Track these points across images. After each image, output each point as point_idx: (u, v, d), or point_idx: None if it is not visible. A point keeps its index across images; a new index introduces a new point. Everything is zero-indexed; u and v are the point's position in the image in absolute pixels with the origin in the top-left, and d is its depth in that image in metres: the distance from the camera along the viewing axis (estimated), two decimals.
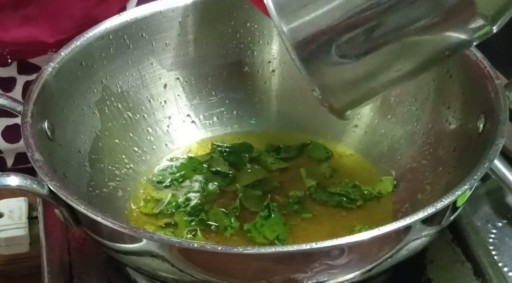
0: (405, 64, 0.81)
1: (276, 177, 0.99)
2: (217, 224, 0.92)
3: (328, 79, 0.80)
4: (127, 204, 0.96)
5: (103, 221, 0.78)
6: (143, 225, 0.93)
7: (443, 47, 0.81)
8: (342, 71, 0.79)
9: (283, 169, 1.00)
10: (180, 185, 0.98)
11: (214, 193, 0.97)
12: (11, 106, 0.89)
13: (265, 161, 1.01)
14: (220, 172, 0.99)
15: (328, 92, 0.81)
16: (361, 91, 0.83)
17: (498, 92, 0.87)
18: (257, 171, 0.99)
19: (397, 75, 0.82)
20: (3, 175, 0.81)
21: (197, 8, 1.02)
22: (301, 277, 0.77)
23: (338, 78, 0.80)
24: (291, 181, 0.98)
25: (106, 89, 0.99)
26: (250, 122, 1.06)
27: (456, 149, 0.93)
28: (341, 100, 0.83)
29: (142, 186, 0.98)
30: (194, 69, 1.04)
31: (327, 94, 0.81)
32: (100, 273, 0.91)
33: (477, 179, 0.80)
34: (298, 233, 0.92)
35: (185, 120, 1.04)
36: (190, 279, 0.79)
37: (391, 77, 0.82)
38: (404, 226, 0.77)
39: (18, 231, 0.98)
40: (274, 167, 1.00)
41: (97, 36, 0.97)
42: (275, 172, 1.00)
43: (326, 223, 0.93)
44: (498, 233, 0.96)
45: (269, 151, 1.02)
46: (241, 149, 1.02)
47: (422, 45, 0.80)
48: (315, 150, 1.02)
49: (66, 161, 0.91)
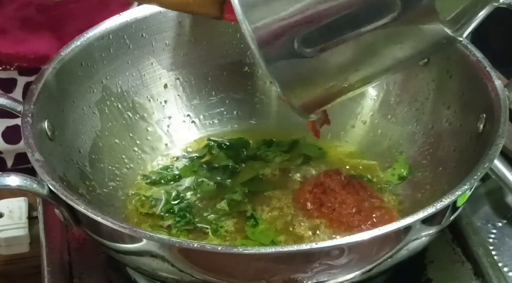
0: (363, 64, 0.81)
1: (273, 174, 0.99)
2: (208, 227, 0.92)
3: (287, 75, 0.80)
4: (126, 204, 0.96)
5: (103, 221, 0.78)
6: (140, 224, 0.93)
7: (402, 51, 0.81)
8: (300, 67, 0.79)
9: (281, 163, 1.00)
10: (179, 185, 0.98)
11: (211, 191, 0.97)
12: (11, 106, 0.89)
13: (265, 155, 1.01)
14: (220, 167, 0.99)
15: (287, 88, 0.81)
16: (320, 89, 0.83)
17: (498, 92, 0.87)
18: (257, 166, 0.99)
19: (356, 75, 0.82)
20: (3, 175, 0.81)
21: None
22: (301, 277, 0.77)
23: (296, 74, 0.80)
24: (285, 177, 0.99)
25: (106, 89, 0.99)
26: (250, 122, 1.06)
27: (456, 149, 0.93)
28: (300, 97, 0.83)
29: (142, 186, 0.98)
30: (194, 69, 1.04)
31: (286, 89, 0.81)
32: (100, 273, 0.91)
33: (477, 179, 0.80)
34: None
35: (185, 120, 1.04)
36: (190, 279, 0.79)
37: (351, 77, 0.82)
38: (404, 226, 0.77)
39: (18, 231, 0.97)
40: (273, 160, 1.00)
41: (97, 36, 0.97)
42: (274, 167, 1.00)
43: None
44: (498, 233, 0.96)
45: (261, 145, 1.02)
46: (237, 145, 1.02)
47: (379, 46, 0.79)
48: (307, 148, 1.02)
49: (66, 161, 0.91)
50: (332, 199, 0.93)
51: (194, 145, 1.04)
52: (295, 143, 1.03)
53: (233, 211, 0.94)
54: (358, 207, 0.92)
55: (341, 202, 0.92)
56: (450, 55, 0.95)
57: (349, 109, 1.03)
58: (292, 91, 0.81)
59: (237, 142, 1.03)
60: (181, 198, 0.96)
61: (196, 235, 0.92)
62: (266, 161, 1.01)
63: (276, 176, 0.99)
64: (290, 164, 1.00)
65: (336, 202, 0.92)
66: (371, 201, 0.93)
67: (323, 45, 0.77)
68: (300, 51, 0.77)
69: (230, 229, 0.92)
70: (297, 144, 1.03)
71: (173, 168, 1.00)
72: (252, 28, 0.77)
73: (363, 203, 0.92)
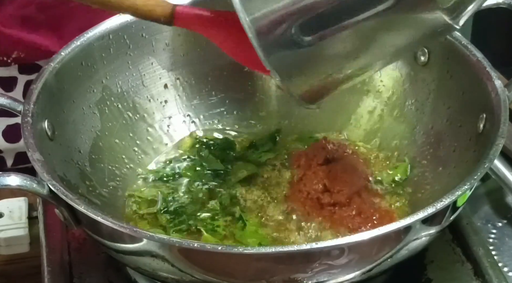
0: (361, 52, 0.81)
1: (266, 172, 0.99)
2: (202, 228, 0.92)
3: (285, 64, 0.79)
4: (126, 204, 0.96)
5: (103, 221, 0.78)
6: (138, 224, 0.93)
7: (400, 38, 0.81)
8: (299, 56, 0.79)
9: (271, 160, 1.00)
10: (179, 184, 0.98)
11: (204, 192, 0.97)
12: (11, 105, 0.89)
13: (251, 156, 1.01)
14: (213, 171, 0.99)
15: (286, 77, 0.80)
16: (320, 78, 0.82)
17: (498, 92, 0.87)
18: (248, 166, 0.99)
19: (355, 63, 0.82)
20: (3, 175, 0.81)
21: None
22: (301, 277, 0.77)
23: (295, 63, 0.80)
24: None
25: (106, 89, 0.99)
26: (250, 122, 1.06)
27: (456, 149, 0.93)
28: (300, 87, 0.82)
29: (142, 186, 0.98)
30: (194, 69, 1.04)
31: (285, 79, 0.81)
32: (100, 273, 0.91)
33: (477, 179, 0.80)
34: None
35: (185, 120, 1.04)
36: (190, 279, 0.79)
37: (350, 65, 0.82)
38: (404, 226, 0.77)
39: (18, 231, 0.97)
40: (262, 160, 1.00)
41: (97, 36, 0.97)
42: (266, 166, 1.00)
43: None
44: (498, 233, 0.96)
45: (247, 149, 1.02)
46: (223, 146, 1.02)
47: (377, 33, 0.79)
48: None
49: (66, 161, 0.91)
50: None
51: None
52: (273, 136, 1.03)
53: (225, 212, 0.94)
54: (358, 209, 0.91)
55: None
56: (450, 55, 0.95)
57: (349, 109, 1.03)
58: (291, 80, 0.81)
59: (223, 143, 1.03)
60: (178, 197, 0.96)
61: (192, 236, 0.92)
62: (254, 162, 1.00)
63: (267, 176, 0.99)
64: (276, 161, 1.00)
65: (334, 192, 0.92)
66: (370, 201, 0.93)
67: (321, 33, 0.77)
68: (298, 39, 0.77)
69: (223, 228, 0.92)
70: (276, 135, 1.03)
71: (174, 168, 1.00)
72: (250, 19, 0.76)
73: (363, 205, 0.92)
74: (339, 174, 0.94)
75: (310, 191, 0.93)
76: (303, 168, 0.96)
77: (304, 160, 0.96)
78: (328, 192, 0.93)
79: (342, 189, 0.92)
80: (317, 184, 0.93)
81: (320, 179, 0.94)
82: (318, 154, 0.96)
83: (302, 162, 0.96)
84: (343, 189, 0.92)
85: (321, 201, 0.92)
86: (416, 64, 0.98)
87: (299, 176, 0.96)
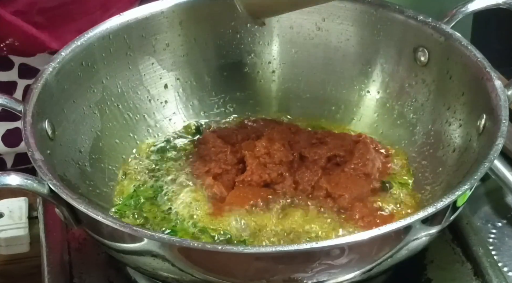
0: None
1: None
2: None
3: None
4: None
5: (104, 220, 0.78)
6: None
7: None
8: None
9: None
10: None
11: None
12: (11, 105, 0.89)
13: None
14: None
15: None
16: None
17: (498, 92, 0.87)
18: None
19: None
20: (4, 174, 0.81)
21: (198, 9, 1.02)
22: (301, 277, 0.77)
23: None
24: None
25: (106, 89, 0.99)
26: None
27: (456, 149, 0.93)
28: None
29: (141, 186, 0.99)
30: (194, 69, 1.05)
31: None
32: (100, 273, 0.91)
33: (477, 179, 0.80)
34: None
35: (185, 120, 1.04)
36: (190, 278, 0.79)
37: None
38: (404, 226, 0.77)
39: (18, 231, 0.98)
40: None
41: (98, 36, 0.97)
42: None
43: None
44: (498, 233, 0.96)
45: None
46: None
47: None
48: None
49: (66, 161, 0.91)
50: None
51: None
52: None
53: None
54: (360, 214, 0.91)
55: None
56: (450, 56, 0.95)
57: (349, 109, 1.03)
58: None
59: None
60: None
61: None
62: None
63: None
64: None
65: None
66: (372, 207, 0.93)
67: None
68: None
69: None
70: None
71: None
72: None
73: (365, 210, 0.92)
74: (342, 179, 0.94)
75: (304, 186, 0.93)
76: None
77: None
78: (331, 197, 0.92)
79: (343, 194, 0.92)
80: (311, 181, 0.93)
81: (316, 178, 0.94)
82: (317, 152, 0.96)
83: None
84: (344, 194, 0.92)
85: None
86: (416, 65, 0.98)
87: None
